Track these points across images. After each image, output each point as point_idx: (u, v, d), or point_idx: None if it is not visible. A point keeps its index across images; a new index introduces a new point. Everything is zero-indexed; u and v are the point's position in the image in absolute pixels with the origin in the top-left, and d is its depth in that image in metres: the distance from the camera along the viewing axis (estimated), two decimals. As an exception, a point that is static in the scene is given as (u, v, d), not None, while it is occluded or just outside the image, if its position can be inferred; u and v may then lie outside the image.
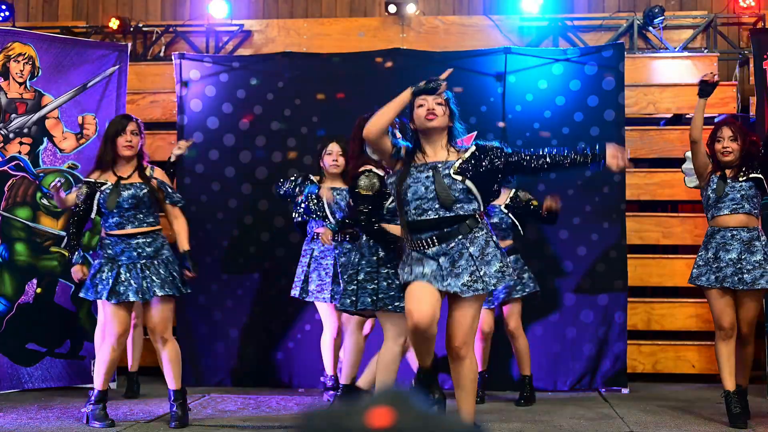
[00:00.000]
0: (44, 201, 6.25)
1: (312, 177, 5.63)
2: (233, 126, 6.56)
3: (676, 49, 7.36)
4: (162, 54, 7.66)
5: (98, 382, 4.90)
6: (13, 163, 6.18)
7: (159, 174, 4.99)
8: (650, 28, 7.40)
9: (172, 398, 4.88)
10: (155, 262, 4.84)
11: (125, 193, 4.81)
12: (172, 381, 4.89)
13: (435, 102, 3.98)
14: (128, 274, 4.79)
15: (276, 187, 5.78)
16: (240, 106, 6.58)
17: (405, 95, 3.94)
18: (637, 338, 6.67)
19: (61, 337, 6.25)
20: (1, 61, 6.19)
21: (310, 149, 6.26)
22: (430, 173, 3.92)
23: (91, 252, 6.29)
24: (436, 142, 4.01)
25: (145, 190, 4.86)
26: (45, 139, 6.28)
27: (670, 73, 7.19)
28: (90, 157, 5.92)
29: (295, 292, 5.61)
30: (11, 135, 6.20)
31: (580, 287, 6.30)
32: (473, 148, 4.01)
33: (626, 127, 6.44)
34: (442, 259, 3.89)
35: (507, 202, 5.64)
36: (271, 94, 6.57)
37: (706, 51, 7.35)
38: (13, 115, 6.21)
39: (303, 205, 5.56)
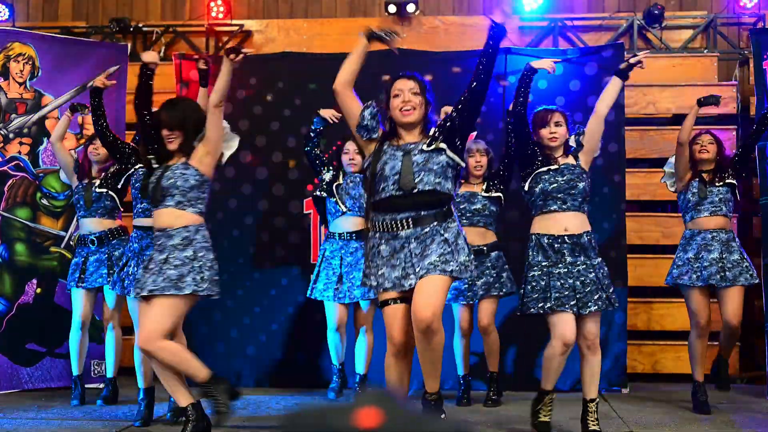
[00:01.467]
0: (44, 201, 6.25)
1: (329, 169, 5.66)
2: (233, 126, 6.53)
3: (676, 49, 7.37)
4: (162, 54, 7.67)
5: (140, 381, 4.94)
6: (13, 163, 6.19)
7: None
8: (650, 28, 7.40)
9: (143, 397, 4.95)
10: None
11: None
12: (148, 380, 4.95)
13: (411, 92, 3.94)
14: None
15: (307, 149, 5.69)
16: (240, 106, 6.58)
17: (361, 42, 4.03)
18: (637, 338, 6.67)
19: (61, 337, 6.24)
20: (1, 61, 6.19)
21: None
22: (401, 154, 3.91)
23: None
24: (412, 131, 4.00)
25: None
26: (45, 139, 6.29)
27: (670, 73, 7.19)
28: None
29: (308, 292, 5.70)
30: (11, 135, 6.20)
31: (580, 287, 6.29)
32: (434, 132, 3.98)
33: (626, 127, 6.44)
34: (413, 245, 3.81)
35: (484, 189, 5.54)
36: (271, 94, 6.57)
37: (706, 51, 7.36)
38: (13, 115, 6.21)
39: (325, 179, 5.61)
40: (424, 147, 3.89)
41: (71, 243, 6.29)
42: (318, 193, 5.71)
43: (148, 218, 4.81)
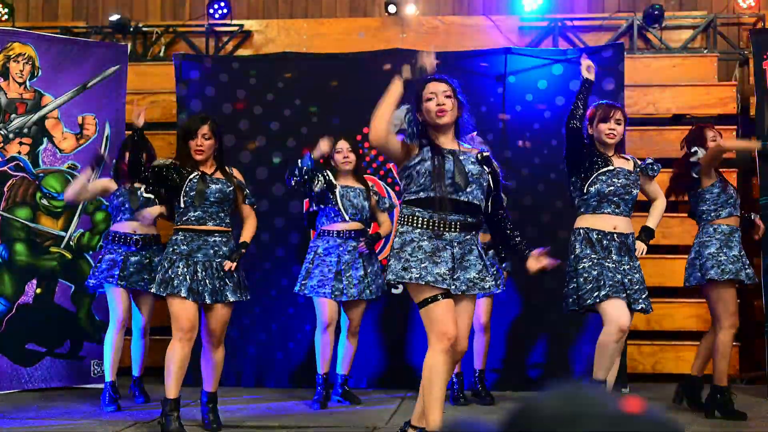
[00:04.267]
0: (44, 201, 6.25)
1: (325, 173, 5.54)
2: (233, 126, 6.55)
3: (676, 49, 7.37)
4: (162, 54, 7.67)
5: (168, 390, 4.59)
6: (13, 164, 6.19)
7: (237, 174, 4.91)
8: (650, 29, 7.40)
9: (206, 401, 4.82)
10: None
11: (213, 186, 4.70)
12: (210, 384, 4.82)
13: (444, 95, 3.90)
14: (204, 273, 4.65)
15: (286, 179, 5.59)
16: (240, 105, 6.58)
17: (397, 88, 3.73)
18: (637, 338, 6.66)
19: (61, 337, 6.25)
20: (1, 61, 6.19)
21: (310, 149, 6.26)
22: (451, 157, 3.87)
23: (91, 252, 6.30)
24: (447, 134, 3.96)
25: (232, 188, 4.77)
26: (45, 139, 6.29)
27: (670, 73, 7.19)
28: (89, 157, 5.90)
29: (296, 288, 5.61)
30: (11, 135, 6.20)
31: (580, 287, 6.29)
32: (486, 154, 3.96)
33: (626, 127, 6.42)
34: (456, 248, 3.83)
35: None
36: (271, 94, 6.57)
37: (706, 51, 7.36)
38: (13, 115, 6.21)
39: (316, 191, 5.48)
40: (475, 160, 3.89)
41: (71, 243, 6.29)
42: (314, 208, 5.62)
43: (202, 226, 4.69)
